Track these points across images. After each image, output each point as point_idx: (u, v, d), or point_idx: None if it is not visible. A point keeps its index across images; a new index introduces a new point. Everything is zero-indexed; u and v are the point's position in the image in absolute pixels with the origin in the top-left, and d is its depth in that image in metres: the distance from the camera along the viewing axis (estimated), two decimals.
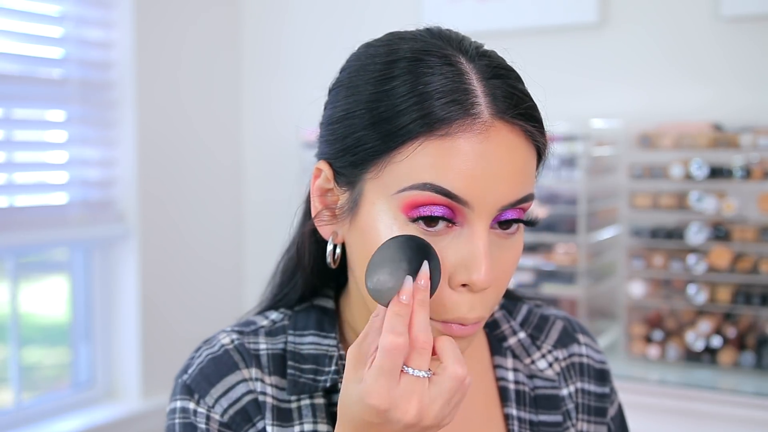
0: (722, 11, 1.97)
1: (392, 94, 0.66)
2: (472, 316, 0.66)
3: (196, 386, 0.75)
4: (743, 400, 1.71)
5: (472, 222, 0.65)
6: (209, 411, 0.74)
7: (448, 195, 0.64)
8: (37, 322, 2.26)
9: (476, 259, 0.64)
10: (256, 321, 0.81)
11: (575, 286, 2.00)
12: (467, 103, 0.64)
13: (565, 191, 2.02)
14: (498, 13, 2.23)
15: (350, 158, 0.68)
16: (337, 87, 0.72)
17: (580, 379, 0.84)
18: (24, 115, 2.17)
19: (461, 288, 0.66)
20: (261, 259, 2.63)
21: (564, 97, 2.18)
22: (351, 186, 0.69)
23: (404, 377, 0.61)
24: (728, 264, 1.83)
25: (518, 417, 0.79)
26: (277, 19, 2.62)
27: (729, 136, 1.84)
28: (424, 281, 0.63)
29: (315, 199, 0.73)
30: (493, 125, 0.65)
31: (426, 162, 0.64)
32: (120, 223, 2.27)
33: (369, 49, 0.72)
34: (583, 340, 0.86)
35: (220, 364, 0.75)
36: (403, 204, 0.65)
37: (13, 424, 2.06)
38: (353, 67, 0.71)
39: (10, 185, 2.11)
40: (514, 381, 0.81)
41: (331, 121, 0.71)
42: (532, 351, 0.83)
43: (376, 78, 0.67)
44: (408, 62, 0.67)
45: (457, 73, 0.66)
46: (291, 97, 2.57)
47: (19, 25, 2.08)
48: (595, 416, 0.83)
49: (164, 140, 2.35)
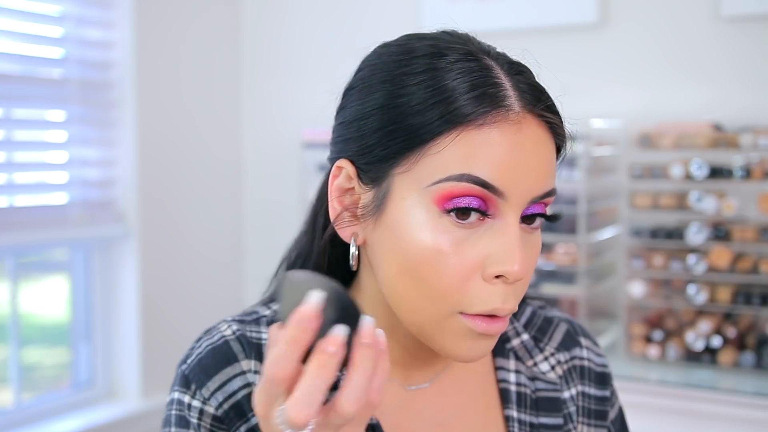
0: (722, 11, 1.97)
1: (427, 87, 0.66)
2: (506, 307, 0.66)
3: (194, 377, 0.73)
4: (743, 400, 1.71)
5: (504, 213, 0.66)
6: (204, 404, 0.72)
7: (484, 185, 0.64)
8: (37, 322, 2.26)
9: (511, 249, 0.65)
10: (258, 311, 0.79)
11: (575, 286, 2.00)
12: (500, 95, 0.66)
13: (565, 191, 2.02)
14: (498, 13, 2.23)
15: (380, 152, 0.68)
16: (359, 85, 0.72)
17: (581, 382, 0.84)
18: (24, 115, 2.17)
19: (495, 280, 0.66)
20: (261, 259, 2.63)
21: (564, 97, 2.18)
22: (377, 183, 0.69)
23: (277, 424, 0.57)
24: (728, 264, 1.83)
25: (518, 419, 0.79)
26: (277, 19, 2.62)
27: (729, 136, 1.84)
28: (336, 348, 0.56)
29: (333, 200, 0.72)
30: (525, 118, 0.67)
31: (462, 153, 0.65)
32: (120, 223, 2.27)
33: (390, 48, 0.72)
34: (584, 343, 0.87)
35: (219, 355, 0.74)
36: (438, 196, 0.65)
37: (13, 424, 2.06)
38: (376, 65, 0.71)
39: (10, 185, 2.11)
40: (516, 383, 0.81)
41: (357, 117, 0.70)
42: (535, 353, 0.84)
43: (407, 72, 0.68)
44: (437, 57, 0.68)
45: (485, 68, 0.67)
46: (291, 97, 2.57)
47: (19, 25, 2.08)
48: (596, 419, 0.83)
49: (164, 140, 2.35)
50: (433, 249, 0.65)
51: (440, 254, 0.65)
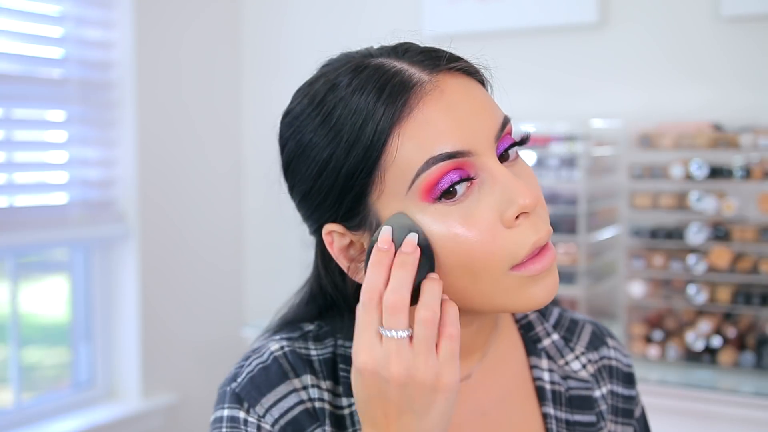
0: (722, 11, 1.97)
1: (345, 118, 0.68)
2: (543, 233, 0.68)
3: (246, 395, 0.74)
4: (743, 400, 1.71)
5: (483, 166, 0.67)
6: (260, 421, 0.73)
7: (451, 156, 0.66)
8: (37, 322, 2.26)
9: (512, 188, 0.66)
10: (302, 325, 0.81)
11: (575, 286, 2.00)
12: (405, 80, 0.68)
13: (565, 191, 2.02)
14: (498, 13, 2.23)
15: (350, 196, 0.69)
16: (292, 162, 0.75)
17: (611, 381, 0.86)
18: (24, 115, 2.17)
19: (517, 221, 0.67)
20: (261, 259, 2.63)
21: (564, 97, 2.18)
22: (364, 224, 0.71)
23: (383, 339, 0.64)
24: (728, 264, 1.83)
25: (555, 416, 0.81)
26: (277, 19, 2.62)
27: (729, 136, 1.84)
28: (388, 245, 0.66)
29: (341, 259, 0.74)
30: (438, 79, 0.68)
31: (412, 145, 0.66)
32: (120, 223, 2.27)
33: (294, 111, 0.76)
34: (611, 343, 0.89)
35: (271, 374, 0.75)
36: (421, 192, 0.67)
37: (13, 424, 2.06)
38: (290, 133, 0.75)
39: (10, 185, 2.11)
40: (550, 381, 0.82)
41: (308, 188, 0.73)
42: (566, 353, 0.85)
43: (323, 119, 0.70)
44: (333, 90, 0.70)
45: (376, 69, 0.69)
46: (291, 97, 2.57)
47: (19, 25, 2.08)
48: (623, 417, 0.85)
49: (164, 140, 2.36)
50: (448, 237, 0.67)
51: (458, 237, 0.67)
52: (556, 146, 2.00)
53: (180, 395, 2.39)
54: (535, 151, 2.03)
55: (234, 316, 2.63)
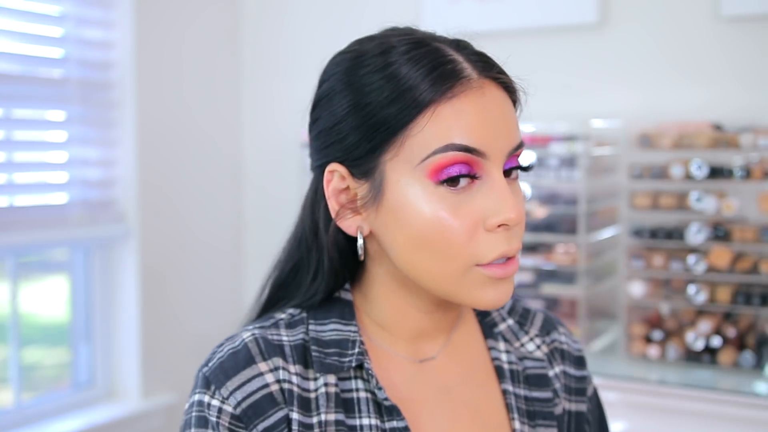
0: (722, 11, 1.97)
1: (390, 79, 0.73)
2: (513, 247, 0.75)
3: (214, 378, 0.78)
4: (743, 400, 1.71)
5: (489, 171, 0.74)
6: (222, 403, 0.77)
7: (467, 149, 0.72)
8: (37, 322, 2.26)
9: (504, 199, 0.73)
10: (275, 315, 0.85)
11: (575, 286, 2.00)
12: (458, 69, 0.74)
13: (565, 191, 2.02)
14: (498, 13, 2.23)
15: (366, 146, 0.74)
16: (326, 96, 0.78)
17: (562, 362, 0.92)
18: (24, 115, 2.17)
19: (497, 229, 0.74)
20: (261, 259, 2.63)
21: (564, 97, 2.18)
22: (369, 175, 0.76)
23: None
24: (728, 264, 1.83)
25: (514, 393, 0.87)
26: (277, 19, 2.62)
27: (729, 136, 1.84)
28: None
29: (332, 201, 0.78)
30: (484, 83, 0.75)
31: (440, 127, 0.72)
32: (120, 223, 2.27)
33: (345, 55, 0.79)
34: (562, 330, 0.95)
35: (239, 358, 0.78)
36: (429, 170, 0.73)
37: (13, 424, 2.06)
38: (336, 73, 0.78)
39: (10, 185, 2.11)
40: (508, 362, 0.88)
41: (332, 123, 0.77)
42: (521, 335, 0.92)
43: (366, 72, 0.75)
44: (388, 53, 0.75)
45: (435, 50, 0.75)
46: (291, 97, 2.57)
47: (19, 25, 2.08)
48: (576, 395, 0.91)
49: (164, 140, 2.36)
50: (436, 218, 0.73)
51: (443, 221, 0.73)
52: (556, 146, 2.01)
53: (180, 395, 2.39)
54: (535, 151, 2.03)
55: (234, 316, 2.63)
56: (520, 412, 0.85)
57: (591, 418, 0.92)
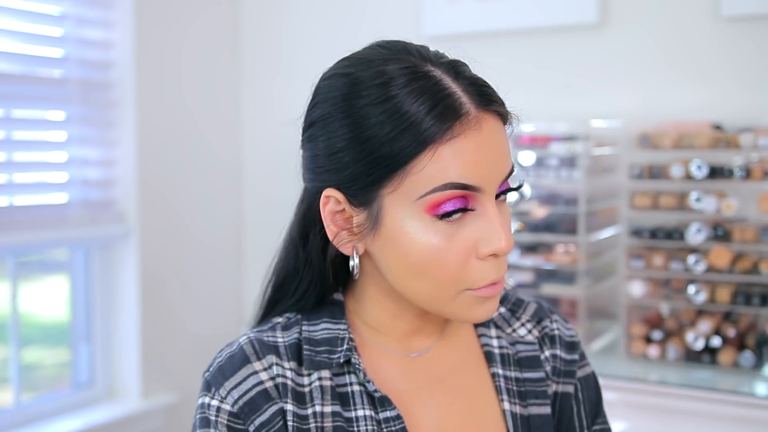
0: (722, 11, 1.97)
1: (390, 115, 0.74)
2: (501, 275, 0.79)
3: (213, 380, 0.84)
4: (743, 400, 1.71)
5: (483, 203, 0.77)
6: (221, 402, 0.82)
7: (464, 187, 0.75)
8: (37, 322, 2.26)
9: (496, 231, 0.76)
10: (273, 319, 0.90)
11: (575, 286, 2.00)
12: (456, 106, 0.75)
13: (565, 191, 2.02)
14: (498, 13, 2.23)
15: (365, 180, 0.76)
16: (320, 121, 0.79)
17: (552, 347, 0.94)
18: (24, 115, 2.17)
19: (488, 258, 0.78)
20: (261, 259, 2.62)
21: (564, 97, 2.18)
22: (366, 205, 0.78)
23: None
24: (728, 264, 1.83)
25: (504, 375, 0.90)
26: (277, 19, 2.62)
27: (729, 136, 1.84)
28: None
29: (329, 224, 0.81)
30: (480, 117, 0.76)
31: (439, 166, 0.74)
32: (120, 223, 2.27)
33: (339, 80, 0.79)
34: (554, 317, 0.98)
35: (235, 360, 0.84)
36: (427, 206, 0.75)
37: (13, 424, 2.06)
38: (330, 99, 0.78)
39: (10, 185, 2.11)
40: (498, 346, 0.92)
41: (329, 152, 0.78)
42: (513, 322, 0.95)
43: (364, 104, 0.75)
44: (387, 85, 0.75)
45: (436, 82, 0.75)
46: (291, 97, 2.57)
47: (19, 25, 2.08)
48: (564, 377, 0.94)
49: (164, 140, 2.36)
50: (432, 249, 0.76)
51: (439, 251, 0.76)
52: (556, 146, 2.01)
53: (180, 395, 2.39)
54: (535, 151, 2.04)
55: (234, 316, 2.63)
56: (511, 393, 0.89)
57: (582, 397, 0.94)
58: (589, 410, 0.94)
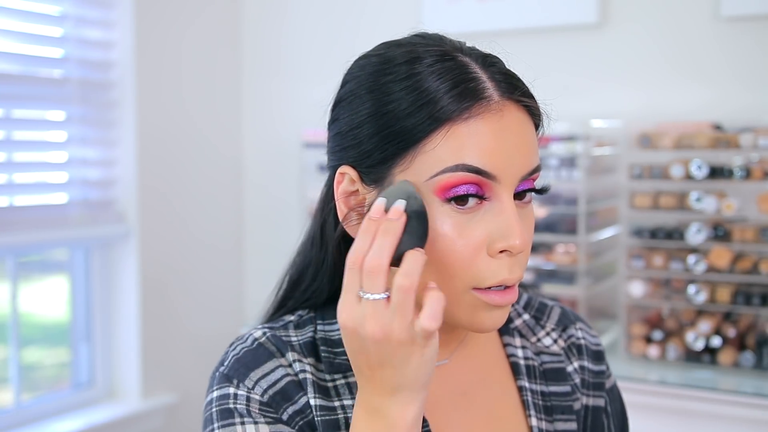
0: (722, 11, 1.97)
1: (412, 91, 0.72)
2: (513, 277, 0.73)
3: (234, 372, 0.79)
4: (743, 400, 1.71)
5: (499, 194, 0.72)
6: (249, 392, 0.77)
7: (477, 171, 0.71)
8: (37, 322, 2.26)
9: (510, 226, 0.72)
10: (284, 318, 0.86)
11: (575, 286, 2.00)
12: (479, 88, 0.72)
13: (565, 191, 2.02)
14: (498, 13, 2.23)
15: (378, 156, 0.74)
16: (348, 97, 0.77)
17: (579, 357, 0.91)
18: (24, 115, 2.17)
19: (500, 255, 0.73)
20: (261, 259, 2.63)
21: (564, 97, 2.17)
22: (379, 183, 0.75)
23: (362, 300, 0.68)
24: (728, 264, 1.83)
25: (530, 389, 0.86)
26: (277, 19, 2.62)
27: (729, 136, 1.84)
28: (378, 215, 0.70)
29: (340, 203, 0.78)
30: (505, 105, 0.73)
31: (453, 146, 0.71)
32: (120, 223, 2.27)
33: (371, 59, 0.77)
34: (579, 325, 0.94)
35: (256, 354, 0.80)
36: (437, 187, 0.71)
37: (13, 424, 2.06)
38: (360, 76, 0.77)
39: (10, 185, 2.11)
40: (524, 357, 0.88)
41: (351, 127, 0.76)
42: (537, 330, 0.91)
43: (390, 80, 0.74)
44: (415, 63, 0.74)
45: (461, 65, 0.73)
46: (291, 97, 2.57)
47: (19, 25, 2.08)
48: (594, 390, 0.90)
49: (164, 140, 2.36)
50: (440, 235, 0.72)
51: (447, 238, 0.72)
52: (556, 146, 2.01)
53: (180, 395, 2.39)
54: None
55: (234, 316, 2.63)
56: (537, 408, 0.85)
57: (611, 410, 0.91)
58: (616, 423, 0.92)
